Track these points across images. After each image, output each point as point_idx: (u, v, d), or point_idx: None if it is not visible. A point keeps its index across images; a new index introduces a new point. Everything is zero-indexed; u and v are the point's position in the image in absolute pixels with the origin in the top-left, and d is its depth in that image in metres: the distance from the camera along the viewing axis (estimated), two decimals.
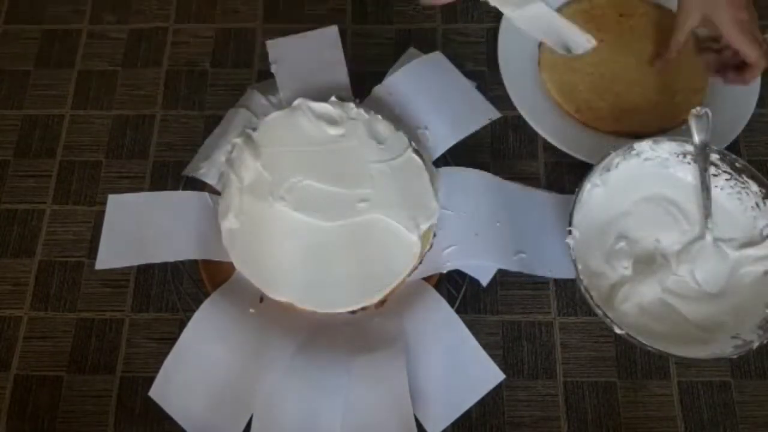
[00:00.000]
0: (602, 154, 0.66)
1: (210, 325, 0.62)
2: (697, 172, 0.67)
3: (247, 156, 0.65)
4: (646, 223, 0.67)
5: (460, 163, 0.69)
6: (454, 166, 0.69)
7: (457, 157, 0.70)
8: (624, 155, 0.66)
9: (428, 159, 0.68)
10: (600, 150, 0.67)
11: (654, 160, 0.68)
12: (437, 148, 0.70)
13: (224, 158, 0.68)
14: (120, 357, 0.67)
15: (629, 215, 0.67)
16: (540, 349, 0.66)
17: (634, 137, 0.70)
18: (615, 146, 0.66)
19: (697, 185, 0.67)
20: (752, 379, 0.65)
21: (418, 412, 0.60)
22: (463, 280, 0.66)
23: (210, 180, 0.68)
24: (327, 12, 0.82)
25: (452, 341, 0.62)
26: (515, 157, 0.74)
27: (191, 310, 0.63)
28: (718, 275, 0.65)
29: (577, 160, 0.71)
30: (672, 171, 0.68)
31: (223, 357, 0.61)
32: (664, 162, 0.68)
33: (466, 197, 0.67)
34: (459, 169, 0.68)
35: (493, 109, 0.72)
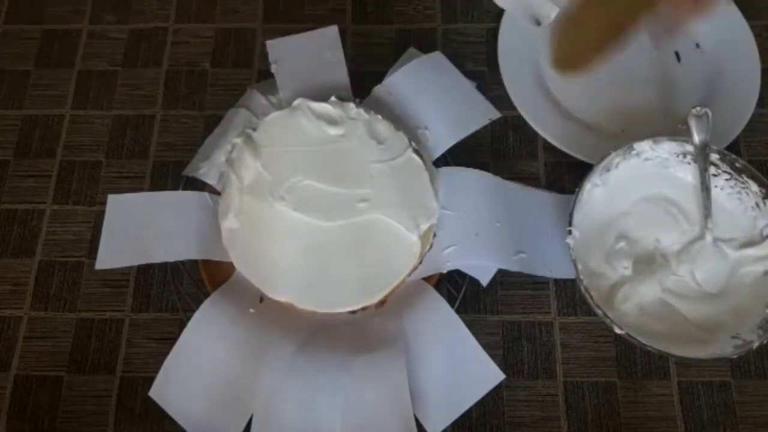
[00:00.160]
0: (602, 154, 0.66)
1: (210, 325, 0.62)
2: (697, 172, 0.67)
3: (247, 156, 0.65)
4: (646, 223, 0.67)
5: (460, 163, 0.69)
6: (454, 166, 0.69)
7: (457, 157, 0.70)
8: (624, 155, 0.66)
9: (428, 159, 0.68)
10: (600, 150, 0.67)
11: (654, 160, 0.68)
12: (437, 148, 0.70)
13: (224, 158, 0.68)
14: (120, 357, 0.67)
15: (629, 215, 0.67)
16: (540, 349, 0.66)
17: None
18: (615, 146, 0.66)
19: (697, 185, 0.67)
20: (752, 379, 0.65)
21: (418, 412, 0.60)
22: (463, 280, 0.66)
23: (210, 180, 0.68)
24: (327, 12, 0.82)
25: (452, 341, 0.62)
26: (515, 157, 0.74)
27: (191, 310, 0.63)
28: (718, 275, 0.65)
29: (577, 160, 0.71)
30: (672, 171, 0.68)
31: (223, 357, 0.61)
32: (664, 162, 0.68)
33: (466, 197, 0.67)
34: (459, 169, 0.68)
35: (493, 109, 0.72)
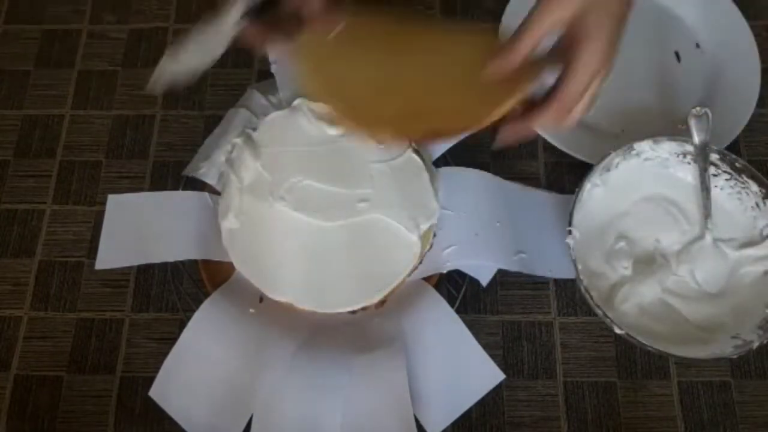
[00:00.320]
0: (602, 154, 0.66)
1: (210, 325, 0.62)
2: (697, 172, 0.67)
3: (247, 156, 0.65)
4: (646, 223, 0.67)
5: (460, 163, 0.69)
6: (454, 166, 0.69)
7: (457, 157, 0.70)
8: (624, 155, 0.66)
9: (428, 159, 0.68)
10: (600, 150, 0.67)
11: (654, 160, 0.68)
12: (437, 149, 0.70)
13: (224, 158, 0.68)
14: (120, 357, 0.67)
15: (629, 215, 0.67)
16: (540, 349, 0.66)
17: (430, 138, 0.58)
18: (615, 146, 0.66)
19: (697, 185, 0.67)
20: (752, 379, 0.65)
21: (418, 412, 0.60)
22: (463, 280, 0.66)
23: (210, 180, 0.68)
24: None
25: (452, 341, 0.62)
26: (515, 157, 0.74)
27: (191, 310, 0.63)
28: (718, 275, 0.65)
29: (577, 160, 0.71)
30: (672, 171, 0.68)
31: (223, 357, 0.61)
32: (664, 162, 0.68)
33: (466, 197, 0.67)
34: (459, 169, 0.68)
35: None
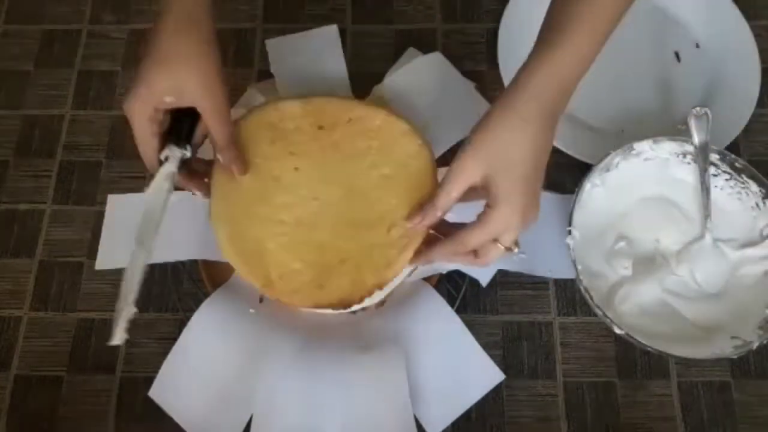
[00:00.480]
0: (602, 154, 0.66)
1: (210, 325, 0.62)
2: (697, 172, 0.67)
3: None
4: (646, 223, 0.67)
5: None
6: None
7: None
8: (624, 155, 0.66)
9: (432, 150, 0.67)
10: (600, 150, 0.67)
11: (654, 160, 0.68)
12: (437, 148, 0.70)
13: None
14: (120, 357, 0.66)
15: (629, 215, 0.67)
16: (540, 349, 0.66)
17: (342, 308, 0.58)
18: (615, 146, 0.66)
19: (697, 185, 0.67)
20: (752, 379, 0.65)
21: (418, 412, 0.60)
22: (463, 280, 0.66)
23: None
24: (327, 12, 0.82)
25: (452, 341, 0.62)
26: None
27: (191, 310, 0.63)
28: (718, 275, 0.65)
29: (577, 160, 0.71)
30: (672, 171, 0.68)
31: (223, 357, 0.61)
32: (664, 162, 0.68)
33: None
34: None
35: None
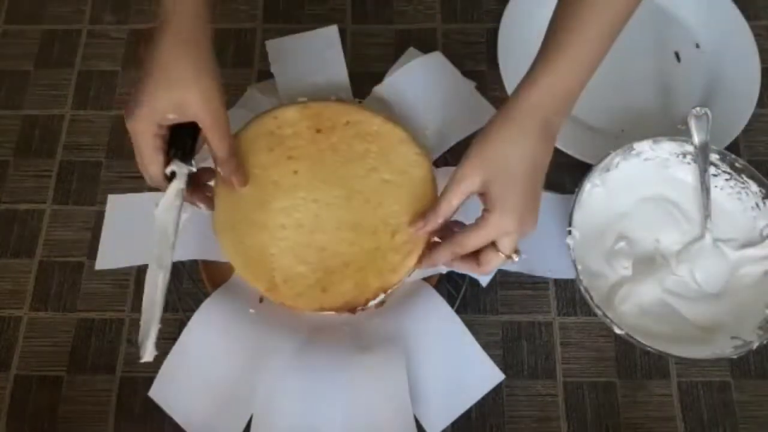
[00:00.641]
0: (602, 154, 0.66)
1: (210, 325, 0.62)
2: (697, 172, 0.67)
3: None
4: (646, 223, 0.67)
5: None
6: (454, 166, 0.69)
7: (457, 157, 0.69)
8: (624, 155, 0.66)
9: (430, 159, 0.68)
10: (600, 150, 0.67)
11: (654, 160, 0.68)
12: (437, 148, 0.70)
13: None
14: (120, 357, 0.67)
15: (629, 215, 0.67)
16: (540, 349, 0.66)
17: (346, 311, 0.59)
18: (615, 146, 0.66)
19: (697, 185, 0.67)
20: (752, 379, 0.65)
21: (418, 412, 0.60)
22: (463, 280, 0.66)
23: (211, 181, 0.68)
24: (327, 12, 0.82)
25: (452, 341, 0.62)
26: None
27: (191, 310, 0.63)
28: (718, 275, 0.65)
29: (577, 160, 0.71)
30: (672, 171, 0.68)
31: (223, 357, 0.61)
32: (664, 162, 0.68)
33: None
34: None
35: (493, 109, 0.72)
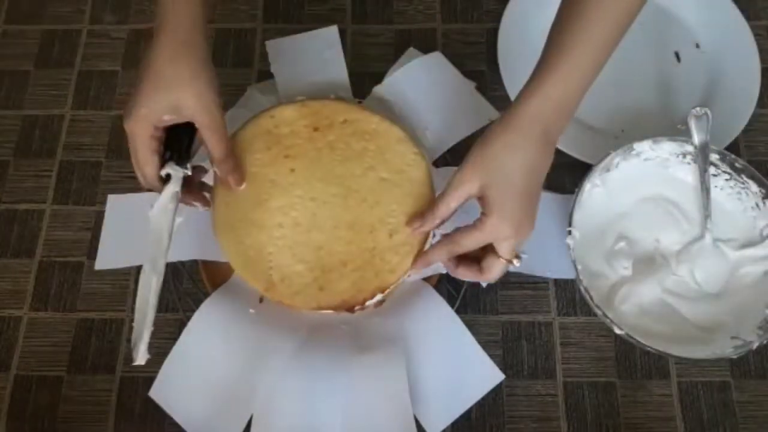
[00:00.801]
0: (602, 154, 0.66)
1: (210, 325, 0.62)
2: (697, 172, 0.67)
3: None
4: (646, 224, 0.67)
5: (459, 163, 0.69)
6: (454, 166, 0.69)
7: (457, 157, 0.70)
8: (624, 155, 0.66)
9: (428, 159, 0.68)
10: (600, 150, 0.67)
11: (654, 160, 0.68)
12: (437, 148, 0.70)
13: None
14: (120, 357, 0.67)
15: (629, 215, 0.67)
16: (540, 349, 0.66)
17: (344, 310, 0.59)
18: (615, 146, 0.66)
19: (697, 185, 0.67)
20: (752, 379, 0.65)
21: (418, 412, 0.60)
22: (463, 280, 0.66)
23: (211, 181, 0.68)
24: (327, 12, 0.82)
25: (452, 341, 0.62)
26: None
27: (191, 310, 0.63)
28: (718, 275, 0.65)
29: (577, 160, 0.71)
30: (672, 171, 0.68)
31: (223, 357, 0.61)
32: (664, 162, 0.68)
33: None
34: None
35: (492, 109, 0.72)
